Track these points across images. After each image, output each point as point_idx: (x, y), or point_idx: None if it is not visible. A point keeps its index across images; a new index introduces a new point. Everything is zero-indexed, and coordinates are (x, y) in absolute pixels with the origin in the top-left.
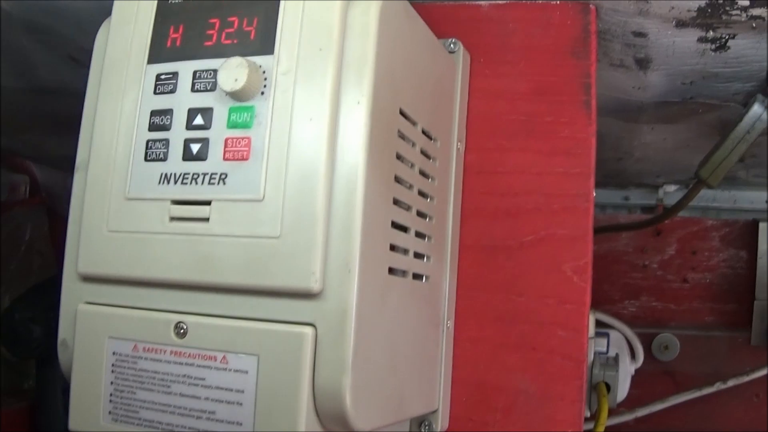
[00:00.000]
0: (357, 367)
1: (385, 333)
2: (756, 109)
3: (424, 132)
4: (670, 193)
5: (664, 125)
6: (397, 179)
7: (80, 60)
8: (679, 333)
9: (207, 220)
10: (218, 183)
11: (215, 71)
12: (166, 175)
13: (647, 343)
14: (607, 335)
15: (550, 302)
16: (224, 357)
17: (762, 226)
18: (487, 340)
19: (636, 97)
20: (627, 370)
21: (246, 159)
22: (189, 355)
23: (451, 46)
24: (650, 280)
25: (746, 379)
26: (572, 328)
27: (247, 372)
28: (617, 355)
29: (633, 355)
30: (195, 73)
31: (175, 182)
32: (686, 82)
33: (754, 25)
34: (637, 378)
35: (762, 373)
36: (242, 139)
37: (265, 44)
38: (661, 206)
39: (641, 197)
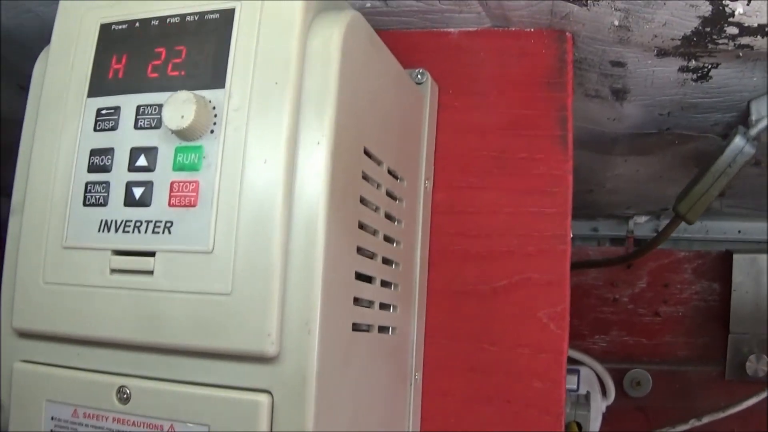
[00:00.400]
0: None
1: (349, 396)
2: (737, 141)
3: (390, 171)
4: (641, 224)
5: (638, 157)
6: (361, 225)
7: (28, 88)
8: (651, 368)
9: (151, 273)
10: (163, 232)
11: (161, 106)
12: (106, 222)
13: (618, 379)
14: (577, 372)
15: (525, 352)
16: (171, 426)
17: (736, 257)
18: (458, 392)
19: (610, 129)
20: (598, 407)
21: (194, 205)
22: (133, 423)
23: (419, 76)
24: (621, 314)
25: (721, 415)
26: (549, 380)
27: None
28: (588, 392)
29: (604, 392)
30: (138, 108)
31: (117, 230)
32: (664, 113)
33: (740, 54)
34: (608, 415)
35: (738, 408)
36: (189, 183)
37: (216, 77)
38: (632, 238)
39: (610, 228)
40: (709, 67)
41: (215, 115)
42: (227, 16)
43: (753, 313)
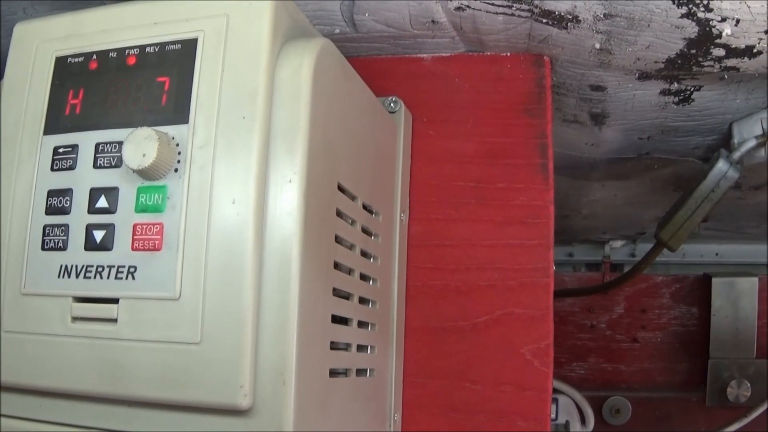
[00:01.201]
0: None
1: None
2: (720, 166)
3: (364, 206)
4: (617, 248)
5: (616, 182)
6: (337, 265)
7: None
8: (630, 395)
9: (114, 321)
10: (126, 277)
11: (121, 144)
12: (66, 267)
13: (597, 407)
14: (555, 401)
15: (508, 389)
16: None
17: (715, 281)
18: None
19: (588, 154)
20: None
21: (158, 249)
22: None
23: (392, 105)
24: (599, 340)
25: None
26: (533, 419)
27: None
28: (567, 422)
29: (583, 421)
30: (98, 146)
31: (77, 276)
32: (643, 137)
33: (725, 76)
34: None
35: None
36: (153, 225)
37: (179, 111)
38: (608, 263)
39: (586, 253)
40: (692, 89)
41: (179, 153)
42: (189, 46)
43: (733, 338)
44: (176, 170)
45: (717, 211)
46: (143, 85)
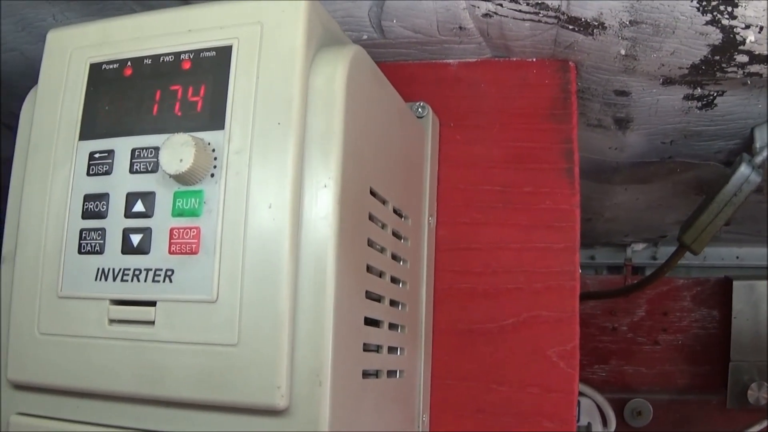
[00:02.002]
0: None
1: None
2: (743, 170)
3: (395, 210)
4: (639, 251)
5: (639, 185)
6: (369, 268)
7: (13, 127)
8: (651, 398)
9: (152, 323)
10: (164, 280)
11: (157, 149)
12: (103, 270)
13: (619, 409)
14: (577, 403)
15: (534, 391)
16: None
17: (737, 284)
18: None
19: (612, 158)
20: None
21: (195, 253)
22: None
23: (419, 110)
24: (620, 343)
25: None
26: (560, 420)
27: None
28: (589, 424)
29: (605, 423)
30: (133, 151)
31: (114, 279)
32: (666, 141)
33: (748, 81)
34: None
35: None
36: (190, 229)
37: (215, 118)
38: (630, 265)
39: (608, 256)
40: (715, 94)
41: (215, 158)
42: (224, 53)
43: (753, 341)
44: (212, 175)
45: (738, 214)
46: (178, 91)
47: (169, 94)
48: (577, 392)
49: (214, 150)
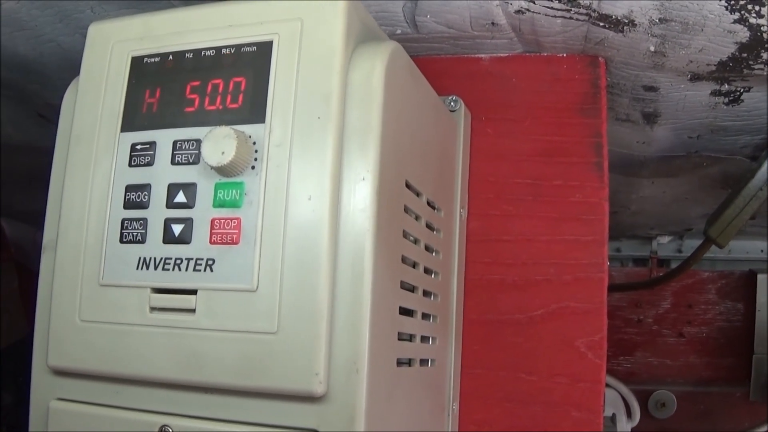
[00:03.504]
0: None
1: (393, 430)
2: None
3: (428, 202)
4: (664, 244)
5: (665, 179)
6: (404, 259)
7: (48, 117)
8: (675, 389)
9: (193, 311)
10: (204, 270)
11: (198, 141)
12: (144, 259)
13: (643, 400)
14: None
15: (562, 381)
16: None
17: (761, 277)
18: (495, 422)
19: (639, 152)
20: (624, 429)
21: (236, 243)
22: None
23: (452, 104)
24: (645, 335)
25: None
26: (587, 409)
27: None
28: (614, 414)
29: (629, 414)
30: (175, 143)
31: (156, 268)
32: (693, 135)
33: None
34: None
35: (762, 429)
36: (231, 220)
37: (255, 111)
38: (655, 258)
39: (633, 249)
40: (741, 90)
41: (256, 151)
42: (265, 48)
43: None
44: (253, 167)
45: (763, 208)
46: (219, 85)
47: (210, 88)
48: (605, 382)
49: (254, 143)
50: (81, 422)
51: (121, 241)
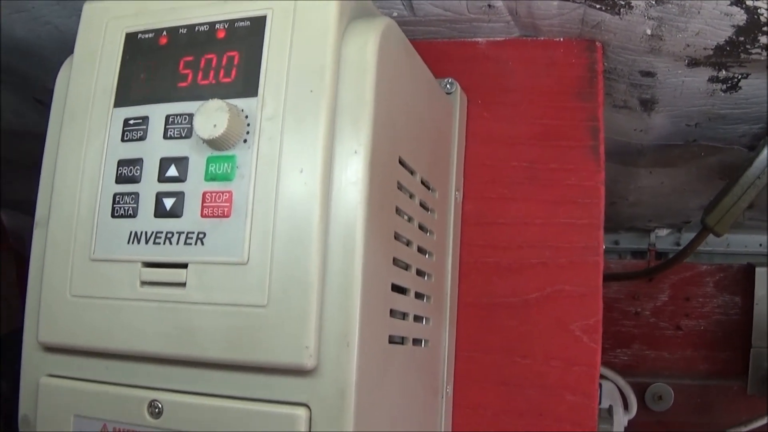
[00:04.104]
0: None
1: (385, 410)
2: (766, 153)
3: (422, 182)
4: (662, 237)
5: (663, 169)
6: (397, 236)
7: (45, 102)
8: (672, 382)
9: (183, 285)
10: (195, 243)
11: (191, 116)
12: (136, 233)
13: (640, 393)
14: (599, 386)
15: (557, 364)
16: None
17: (759, 270)
18: (489, 406)
19: (637, 140)
20: (620, 422)
21: (227, 216)
22: None
23: (448, 86)
24: (642, 327)
25: (744, 429)
26: (582, 393)
27: None
28: (610, 406)
29: (626, 406)
30: (168, 117)
31: (147, 242)
32: (691, 123)
33: None
34: (630, 430)
35: (760, 423)
36: (222, 193)
37: (248, 85)
38: (653, 251)
39: (632, 241)
40: (739, 77)
41: (248, 125)
42: (258, 23)
43: None
44: (245, 141)
45: (762, 201)
46: (213, 60)
47: (203, 63)
48: (600, 366)
49: (247, 116)
50: (71, 398)
51: (113, 216)
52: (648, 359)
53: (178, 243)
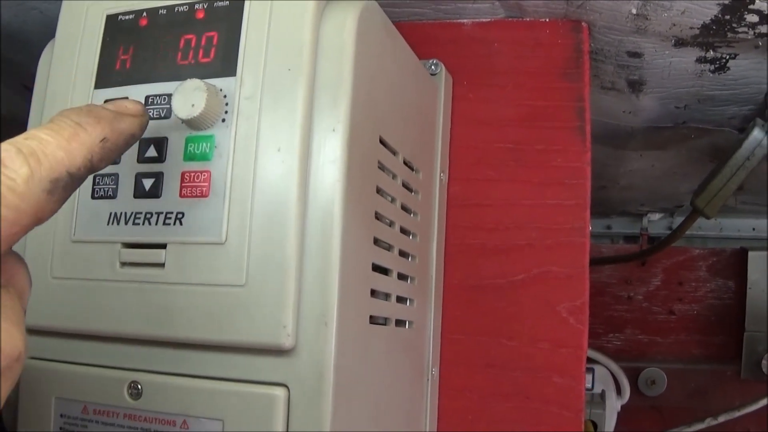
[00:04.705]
0: None
1: (367, 391)
2: (756, 134)
3: (405, 162)
4: (655, 221)
5: (654, 152)
6: (378, 216)
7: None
8: (665, 367)
9: (162, 265)
10: (174, 223)
11: (170, 96)
12: (115, 214)
13: (633, 377)
14: (592, 371)
15: (544, 346)
16: (184, 421)
17: (751, 254)
18: (476, 388)
19: (626, 122)
20: (613, 406)
21: (205, 196)
22: (145, 419)
23: (432, 67)
24: (635, 312)
25: (737, 414)
26: (569, 375)
27: None
28: (603, 391)
29: (619, 391)
30: (147, 98)
31: (126, 222)
32: (680, 105)
33: (759, 43)
34: (623, 414)
35: (753, 407)
36: (201, 173)
37: (227, 65)
38: (646, 235)
39: (624, 226)
40: (727, 57)
41: (226, 104)
42: (237, 2)
43: None
44: (223, 120)
45: (754, 185)
46: (192, 40)
47: (183, 43)
48: (587, 348)
49: (225, 96)
50: (52, 381)
51: (93, 197)
52: (641, 344)
53: (156, 223)
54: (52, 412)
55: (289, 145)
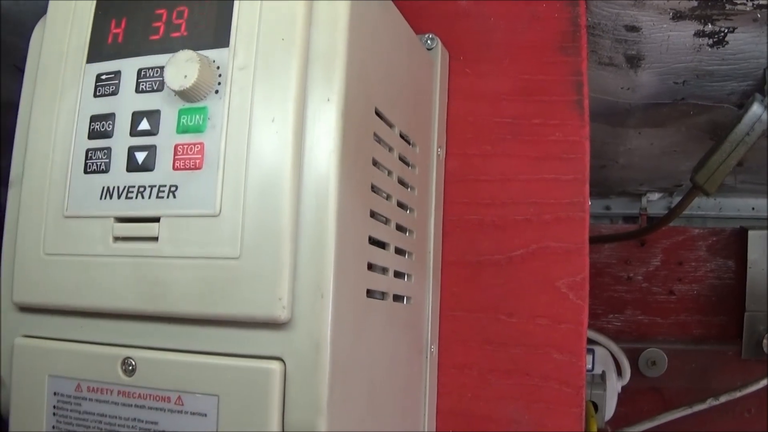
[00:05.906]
0: (333, 407)
1: (364, 365)
2: (755, 109)
3: (402, 136)
4: (654, 201)
5: (653, 129)
6: (374, 189)
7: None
8: (666, 347)
9: (156, 239)
10: (168, 196)
11: (162, 69)
12: (108, 188)
13: (634, 358)
14: (592, 351)
15: (543, 322)
16: (179, 398)
17: (751, 234)
18: (475, 365)
19: (624, 99)
20: (614, 387)
21: (199, 168)
22: (139, 396)
23: (429, 42)
24: (635, 292)
25: (738, 394)
26: (569, 351)
27: (205, 415)
28: (603, 372)
29: (619, 372)
30: (140, 71)
31: (119, 197)
32: (679, 81)
33: (758, 15)
34: (624, 395)
35: (755, 387)
36: (194, 145)
37: (220, 36)
38: (645, 215)
39: (623, 206)
40: (726, 31)
41: (220, 75)
42: None
43: None
44: (217, 92)
45: (753, 164)
46: (185, 11)
47: (175, 15)
48: (587, 323)
49: (218, 67)
50: (45, 358)
51: (86, 172)
52: (641, 324)
53: (150, 197)
54: (46, 390)
55: (282, 115)
